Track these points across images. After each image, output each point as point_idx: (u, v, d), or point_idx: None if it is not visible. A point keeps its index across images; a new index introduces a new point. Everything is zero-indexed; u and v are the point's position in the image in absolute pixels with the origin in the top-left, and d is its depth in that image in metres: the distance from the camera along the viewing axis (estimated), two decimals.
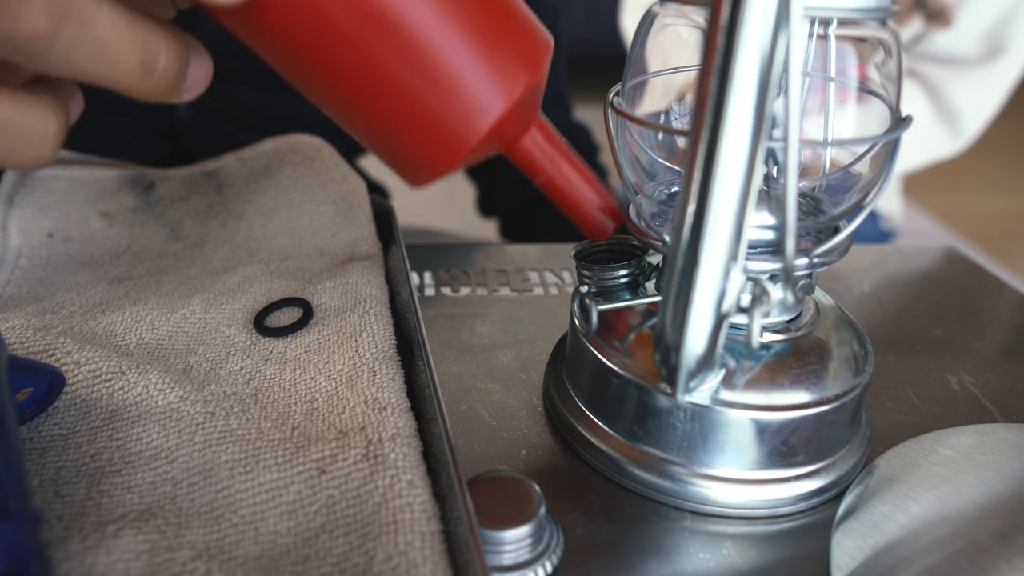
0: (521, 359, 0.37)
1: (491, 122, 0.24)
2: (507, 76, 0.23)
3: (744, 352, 0.27)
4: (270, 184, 0.41)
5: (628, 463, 0.29)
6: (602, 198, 0.29)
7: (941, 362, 0.38)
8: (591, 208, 0.29)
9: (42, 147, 0.21)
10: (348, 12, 0.21)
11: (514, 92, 0.24)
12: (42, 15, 0.18)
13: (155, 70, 0.21)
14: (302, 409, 0.27)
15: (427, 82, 0.23)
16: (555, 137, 0.27)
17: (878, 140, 0.27)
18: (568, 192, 0.28)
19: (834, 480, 0.29)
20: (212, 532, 0.22)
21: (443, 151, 0.24)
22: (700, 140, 0.21)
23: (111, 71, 0.20)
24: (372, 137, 0.25)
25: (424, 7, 0.22)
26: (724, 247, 0.22)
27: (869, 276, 0.47)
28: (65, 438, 0.26)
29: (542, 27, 0.25)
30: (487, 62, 0.23)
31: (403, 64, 0.22)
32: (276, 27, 0.22)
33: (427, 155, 0.24)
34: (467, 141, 0.24)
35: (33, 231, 0.38)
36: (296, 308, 0.33)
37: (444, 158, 0.24)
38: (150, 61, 0.21)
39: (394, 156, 0.25)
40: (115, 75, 0.20)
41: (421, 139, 0.24)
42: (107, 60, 0.20)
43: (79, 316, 0.32)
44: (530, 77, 0.24)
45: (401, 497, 0.23)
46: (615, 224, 0.29)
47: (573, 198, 0.28)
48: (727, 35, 0.20)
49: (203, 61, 0.23)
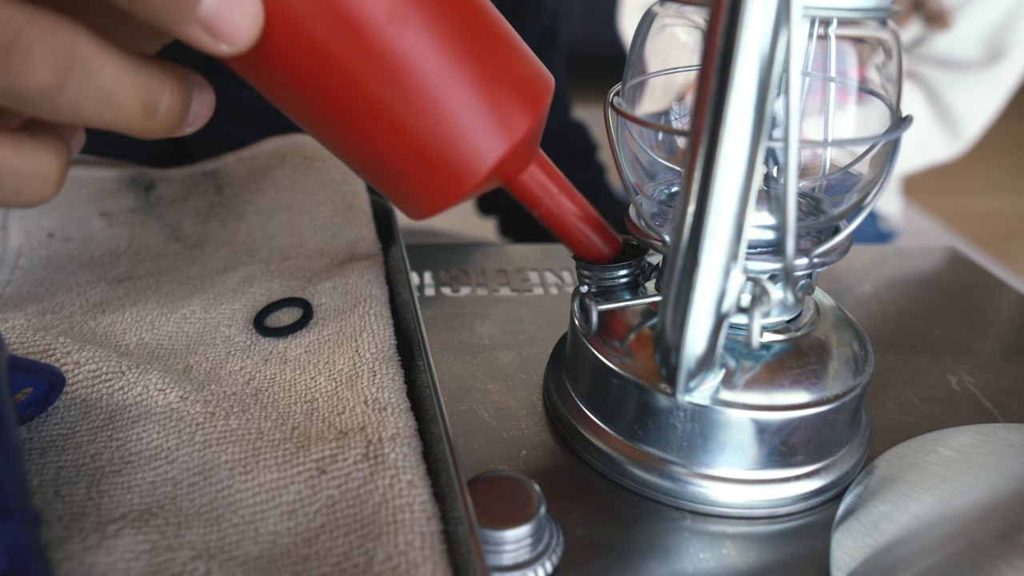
0: (521, 359, 0.37)
1: (491, 164, 0.24)
2: (508, 119, 0.24)
3: (744, 352, 0.27)
4: (270, 184, 0.41)
5: (628, 463, 0.29)
6: (598, 230, 0.29)
7: (941, 362, 0.38)
8: (588, 240, 0.29)
9: (44, 186, 0.21)
10: (351, 56, 0.21)
11: (515, 134, 0.24)
12: (48, 68, 0.18)
13: (158, 112, 0.21)
14: (302, 409, 0.27)
15: (429, 124, 0.23)
16: (554, 171, 0.28)
17: (878, 140, 0.27)
18: (565, 225, 0.29)
19: (834, 480, 0.29)
20: (212, 532, 0.22)
21: (444, 190, 0.24)
22: (700, 140, 0.21)
23: (115, 116, 0.20)
24: (373, 174, 0.25)
25: (428, 52, 0.22)
26: (724, 247, 0.22)
27: (869, 276, 0.47)
28: (65, 438, 0.26)
29: (542, 67, 0.25)
30: (489, 105, 0.23)
31: (405, 106, 0.22)
32: (278, 69, 0.22)
33: (427, 194, 0.25)
34: (467, 181, 0.24)
35: (33, 231, 0.38)
36: (296, 308, 0.33)
37: (444, 197, 0.25)
38: (153, 104, 0.21)
39: (395, 193, 0.26)
40: (119, 120, 0.20)
41: (422, 178, 0.24)
42: (111, 107, 0.20)
43: (79, 316, 0.32)
44: (531, 119, 0.24)
45: (401, 497, 0.23)
46: (613, 252, 0.30)
47: (570, 231, 0.29)
48: (727, 35, 0.20)
49: (205, 96, 0.23)
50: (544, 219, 0.29)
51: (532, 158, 0.27)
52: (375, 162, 0.24)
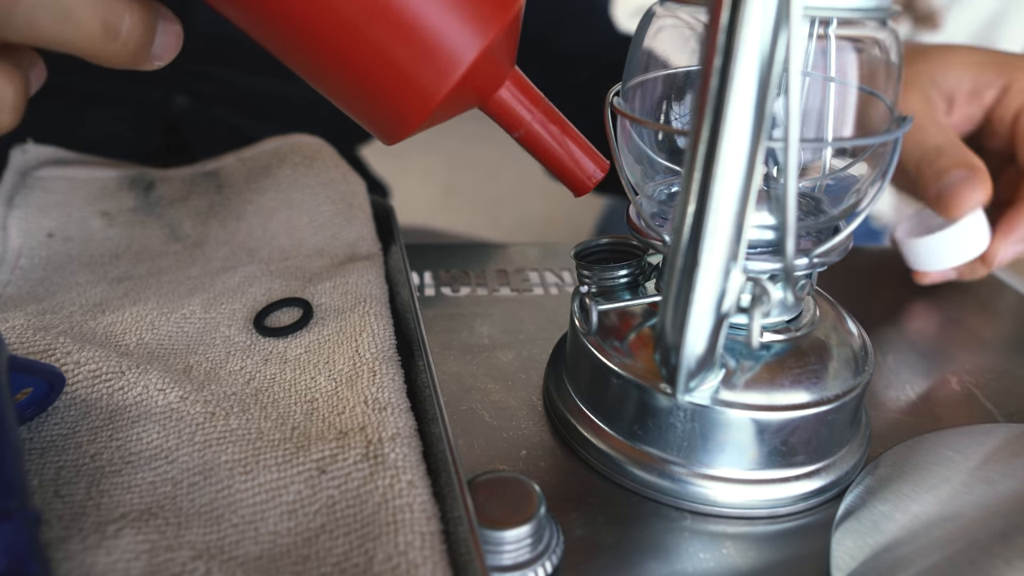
0: (521, 359, 0.37)
1: (463, 69, 0.23)
2: (479, 20, 0.23)
3: (744, 352, 0.27)
4: (270, 184, 0.41)
5: (628, 463, 0.29)
6: (586, 150, 0.28)
7: (941, 362, 0.38)
8: (574, 164, 0.28)
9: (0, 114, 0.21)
10: None
11: (486, 36, 0.23)
12: None
13: (119, 34, 0.21)
14: (302, 409, 0.27)
15: (396, 29, 0.22)
16: (532, 90, 0.27)
17: (878, 140, 0.27)
18: (549, 148, 0.27)
19: (834, 480, 0.29)
20: (212, 532, 0.22)
21: (415, 102, 0.23)
22: (700, 140, 0.21)
23: (74, 35, 0.20)
24: (344, 93, 0.24)
25: None
26: (724, 247, 0.22)
27: (869, 276, 0.47)
28: (65, 438, 0.26)
29: None
30: (457, 6, 0.22)
31: (370, 11, 0.22)
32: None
33: (399, 107, 0.24)
34: (439, 90, 0.23)
35: (33, 231, 0.38)
36: (296, 308, 0.33)
37: (416, 109, 0.24)
38: (113, 24, 0.20)
39: (367, 111, 0.25)
40: (78, 39, 0.20)
41: (392, 90, 0.23)
42: (69, 24, 0.19)
43: (79, 316, 0.32)
44: (502, 20, 0.23)
45: (401, 497, 0.23)
46: (602, 174, 0.28)
47: (554, 154, 0.27)
48: (727, 35, 0.20)
49: (171, 27, 0.23)
50: (526, 142, 0.27)
51: (508, 73, 0.26)
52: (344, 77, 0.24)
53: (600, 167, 0.28)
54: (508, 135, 0.28)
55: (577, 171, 0.28)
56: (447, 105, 0.24)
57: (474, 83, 0.24)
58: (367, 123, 0.26)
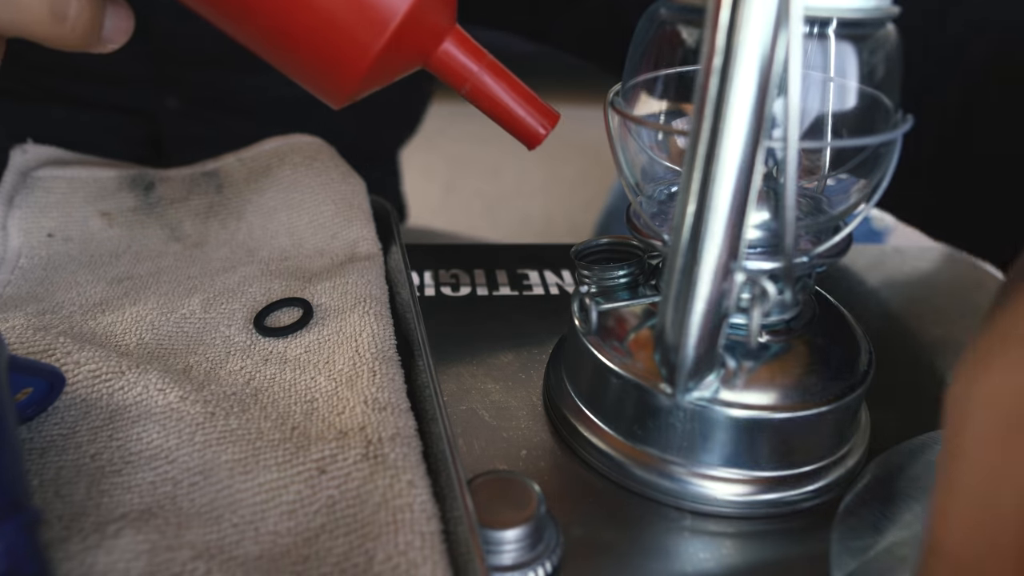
0: (521, 359, 0.37)
1: (396, 21, 0.23)
2: None
3: (744, 352, 0.27)
4: (270, 184, 0.41)
5: (628, 463, 0.29)
6: (532, 103, 0.28)
7: (941, 362, 0.38)
8: (521, 116, 0.28)
9: None
10: None
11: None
12: None
13: (66, 17, 0.21)
14: (302, 409, 0.27)
15: None
16: (474, 46, 0.27)
17: (878, 140, 0.27)
18: (495, 102, 0.28)
19: (834, 480, 0.29)
20: (212, 532, 0.23)
21: (352, 57, 0.23)
22: (700, 140, 0.21)
23: (23, 18, 0.20)
24: (283, 53, 0.24)
25: None
26: (724, 247, 0.22)
27: (869, 276, 0.47)
28: (65, 438, 0.26)
29: None
30: None
31: None
32: None
33: (337, 64, 0.24)
34: (374, 43, 0.23)
35: (33, 231, 0.38)
36: (296, 308, 0.33)
37: (354, 65, 0.24)
38: (60, 8, 0.21)
39: (308, 72, 0.25)
40: (28, 23, 0.20)
41: (329, 47, 0.23)
42: (15, 7, 0.20)
43: (79, 316, 0.32)
44: None
45: (401, 497, 0.23)
46: (550, 126, 0.29)
47: (501, 107, 0.28)
48: (727, 35, 0.20)
49: (121, 12, 0.23)
50: (473, 97, 0.28)
51: (448, 31, 0.26)
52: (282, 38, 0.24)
53: (549, 119, 0.29)
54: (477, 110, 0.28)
55: (528, 121, 0.28)
56: (388, 61, 0.24)
57: (412, 38, 0.24)
58: (310, 85, 0.26)
